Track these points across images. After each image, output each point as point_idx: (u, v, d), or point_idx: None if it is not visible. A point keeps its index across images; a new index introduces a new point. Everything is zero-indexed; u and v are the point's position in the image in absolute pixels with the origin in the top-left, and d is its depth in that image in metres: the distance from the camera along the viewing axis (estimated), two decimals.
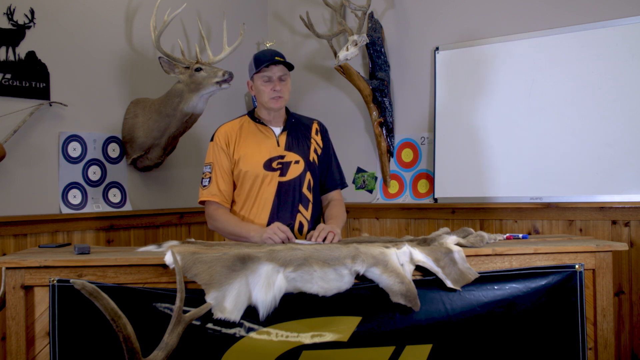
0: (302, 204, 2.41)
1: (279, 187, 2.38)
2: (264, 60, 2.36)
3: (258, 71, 2.37)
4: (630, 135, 3.05)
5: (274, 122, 2.46)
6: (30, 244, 2.89)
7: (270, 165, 2.39)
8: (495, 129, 3.43)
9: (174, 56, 3.13)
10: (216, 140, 2.44)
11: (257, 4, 4.30)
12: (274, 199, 2.37)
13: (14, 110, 2.84)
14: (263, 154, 2.39)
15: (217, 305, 1.76)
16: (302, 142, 2.46)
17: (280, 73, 2.37)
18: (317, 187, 2.49)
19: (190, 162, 3.73)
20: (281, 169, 2.39)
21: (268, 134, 2.44)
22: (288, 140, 2.44)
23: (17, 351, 1.83)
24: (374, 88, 3.73)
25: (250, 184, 2.38)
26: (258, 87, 2.40)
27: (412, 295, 1.83)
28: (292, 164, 2.41)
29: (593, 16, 3.18)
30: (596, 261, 2.00)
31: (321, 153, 2.50)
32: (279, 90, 2.36)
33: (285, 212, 2.38)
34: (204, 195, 2.42)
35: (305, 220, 2.42)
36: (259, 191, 2.38)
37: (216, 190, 2.39)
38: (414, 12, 3.79)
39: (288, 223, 2.36)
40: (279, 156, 2.40)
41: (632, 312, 3.07)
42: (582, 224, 3.18)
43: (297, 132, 2.48)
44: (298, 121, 2.52)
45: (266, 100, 2.39)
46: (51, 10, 3.02)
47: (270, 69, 2.36)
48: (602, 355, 1.99)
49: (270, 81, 2.37)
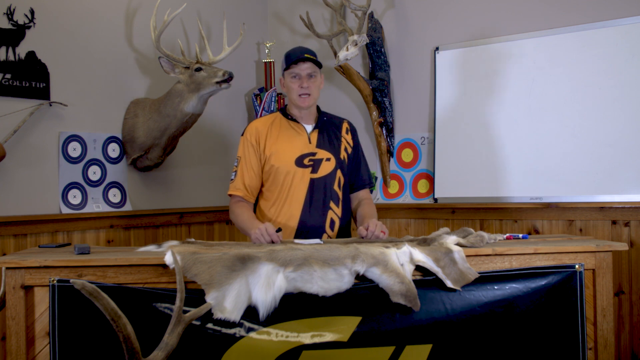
0: (333, 201, 2.44)
1: (311, 183, 2.41)
2: (292, 57, 2.39)
3: (287, 68, 2.41)
4: (631, 135, 3.05)
5: (305, 119, 2.49)
6: (30, 244, 2.89)
7: (302, 161, 2.42)
8: (496, 129, 3.43)
9: (174, 56, 3.13)
10: (246, 135, 2.48)
11: (257, 4, 4.30)
12: (306, 195, 2.40)
13: (14, 110, 2.84)
14: (295, 150, 2.42)
15: (217, 305, 1.76)
16: (333, 140, 2.49)
17: (309, 70, 2.40)
18: (347, 186, 2.51)
19: (190, 162, 3.73)
20: (313, 165, 2.42)
21: (299, 131, 2.47)
22: (319, 138, 2.47)
23: (17, 351, 1.83)
24: (374, 88, 3.73)
25: (281, 180, 2.41)
26: (287, 84, 2.44)
27: (412, 295, 1.83)
28: (324, 161, 2.44)
29: (593, 16, 3.18)
30: (596, 261, 2.00)
31: (351, 152, 2.53)
32: (306, 87, 2.39)
33: (317, 208, 2.41)
34: (229, 189, 2.47)
35: (336, 217, 2.44)
36: (291, 187, 2.41)
37: (240, 185, 2.44)
38: (414, 12, 3.79)
39: (318, 220, 2.40)
40: (310, 153, 2.43)
41: (632, 312, 3.07)
42: (582, 224, 3.18)
43: (328, 130, 2.51)
44: (329, 120, 2.55)
45: (294, 97, 2.42)
46: (51, 10, 3.02)
47: (298, 66, 2.39)
48: (602, 355, 1.99)
49: (299, 78, 2.40)
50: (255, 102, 4.00)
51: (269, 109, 3.96)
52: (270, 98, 3.97)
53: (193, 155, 3.75)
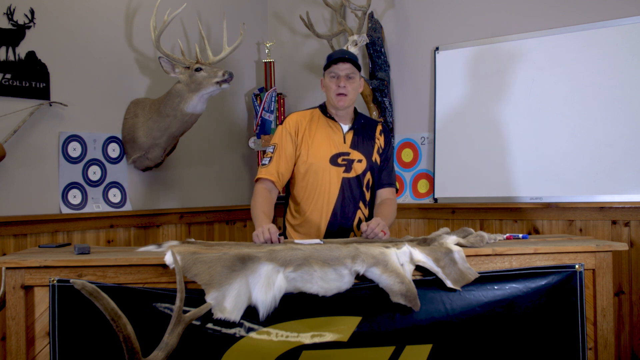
0: (362, 201, 2.50)
1: (343, 182, 2.45)
2: (333, 57, 2.45)
3: (327, 67, 2.46)
4: (630, 135, 3.05)
5: (342, 119, 2.53)
6: (30, 244, 2.89)
7: (336, 160, 2.46)
8: (496, 129, 3.43)
9: (174, 56, 3.13)
10: (286, 125, 2.52)
11: (257, 4, 4.30)
12: (339, 194, 2.44)
13: (14, 110, 2.84)
14: (330, 148, 2.47)
15: (217, 305, 1.76)
16: (366, 142, 2.53)
17: (348, 71, 2.44)
18: (374, 187, 2.55)
19: (190, 162, 3.73)
20: (346, 165, 2.46)
21: (336, 129, 2.51)
22: (354, 139, 2.51)
23: (17, 351, 1.83)
24: (374, 88, 3.73)
25: (314, 176, 2.45)
26: (326, 83, 2.49)
27: (412, 295, 1.83)
28: (356, 162, 2.48)
29: (593, 16, 3.18)
30: (596, 261, 2.00)
31: (382, 153, 2.56)
32: (343, 87, 2.43)
33: (349, 207, 2.46)
34: (262, 173, 2.46)
35: (364, 217, 2.50)
36: (325, 185, 2.45)
37: (274, 170, 2.46)
38: (414, 12, 3.79)
39: (348, 219, 2.45)
40: (344, 153, 2.48)
41: (632, 312, 3.07)
42: (582, 224, 3.18)
43: (363, 132, 2.55)
44: (366, 122, 2.59)
45: (332, 97, 2.46)
46: (51, 10, 3.02)
47: (338, 66, 2.44)
48: (602, 355, 1.99)
49: (337, 78, 2.44)
50: (255, 102, 4.00)
51: (269, 108, 3.96)
52: (270, 98, 3.97)
53: (193, 155, 3.75)
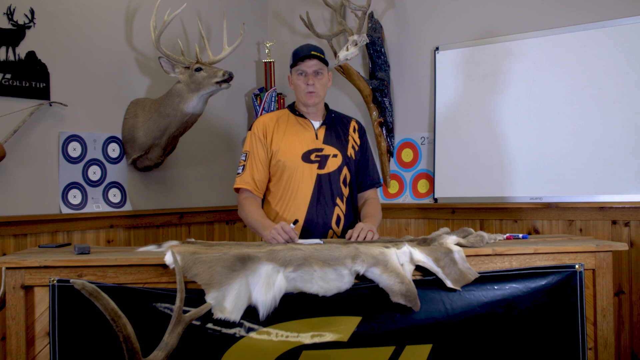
0: (339, 197, 2.44)
1: (318, 179, 2.41)
2: (299, 54, 2.40)
3: (294, 65, 2.42)
4: (630, 135, 3.05)
5: (313, 115, 2.49)
6: (30, 244, 2.89)
7: (309, 157, 2.42)
8: (496, 129, 3.43)
9: (174, 56, 3.13)
10: (254, 130, 2.48)
11: (257, 4, 4.30)
12: (313, 191, 2.40)
13: (14, 110, 2.84)
14: (301, 145, 2.43)
15: (217, 305, 1.76)
16: (340, 137, 2.50)
17: (315, 68, 2.40)
18: (353, 183, 2.51)
19: (190, 162, 3.73)
20: (320, 161, 2.42)
21: (307, 127, 2.48)
22: (326, 134, 2.47)
23: (17, 351, 1.83)
24: (374, 88, 3.73)
25: (288, 175, 2.41)
26: (294, 80, 2.45)
27: (412, 295, 1.83)
28: (330, 157, 2.44)
29: (593, 16, 3.18)
30: (596, 261, 2.00)
31: (358, 150, 2.53)
32: (312, 84, 2.39)
33: (324, 204, 2.41)
34: (237, 183, 2.45)
35: (342, 214, 2.45)
36: (298, 183, 2.40)
37: (249, 179, 2.43)
38: (414, 12, 3.79)
39: (326, 216, 2.39)
40: (317, 149, 2.44)
41: (632, 312, 3.07)
42: (582, 224, 3.18)
43: (336, 127, 2.52)
44: (337, 117, 2.56)
45: (301, 94, 2.43)
46: (51, 10, 3.02)
47: (305, 63, 2.39)
48: (602, 355, 1.99)
49: (305, 75, 2.40)
50: (255, 102, 4.00)
51: (269, 108, 3.96)
52: (270, 98, 3.97)
53: (193, 155, 3.75)
